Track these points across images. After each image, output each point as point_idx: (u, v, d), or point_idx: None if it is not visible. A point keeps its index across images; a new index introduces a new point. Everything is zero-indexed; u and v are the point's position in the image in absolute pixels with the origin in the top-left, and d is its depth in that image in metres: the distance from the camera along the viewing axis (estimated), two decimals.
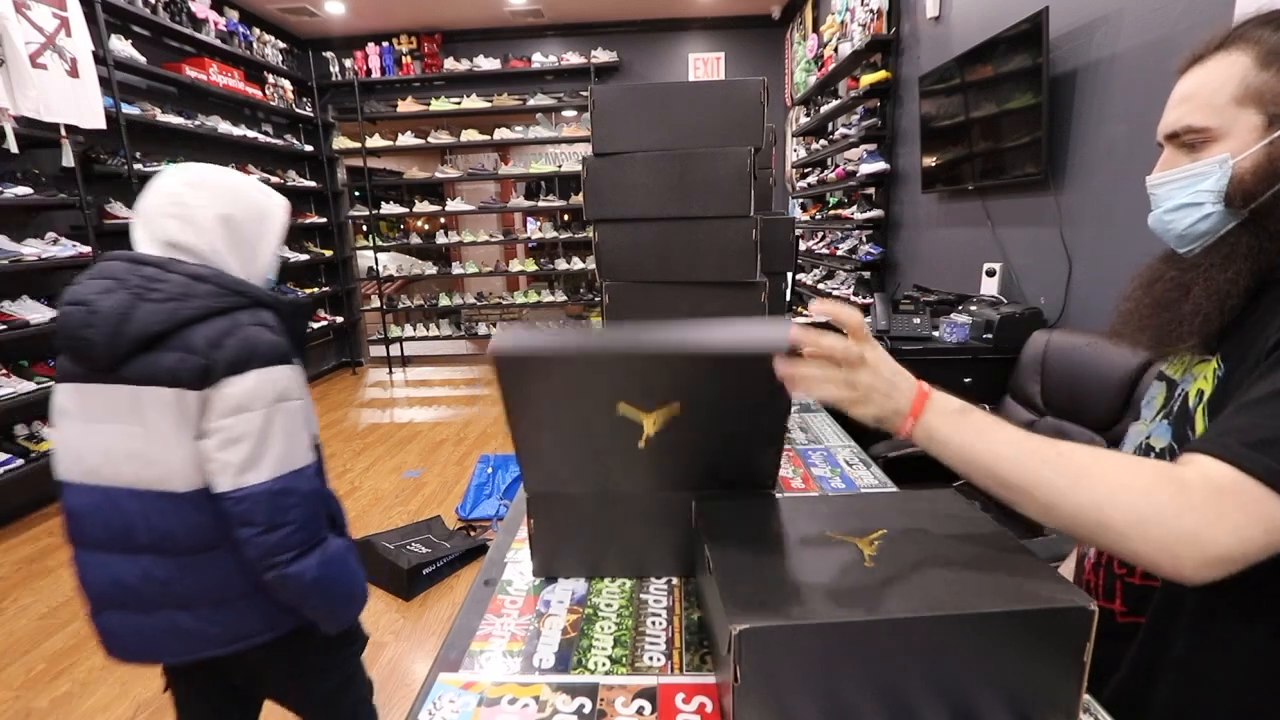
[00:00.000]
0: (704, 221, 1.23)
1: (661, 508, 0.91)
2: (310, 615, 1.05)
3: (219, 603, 1.01)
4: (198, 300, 0.93)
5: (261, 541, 0.95)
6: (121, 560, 0.99)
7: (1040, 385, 1.88)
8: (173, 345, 0.92)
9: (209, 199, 0.99)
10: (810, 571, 0.68)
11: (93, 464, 0.96)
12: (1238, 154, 0.62)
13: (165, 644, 1.03)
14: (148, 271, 0.93)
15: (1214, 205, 0.64)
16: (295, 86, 5.84)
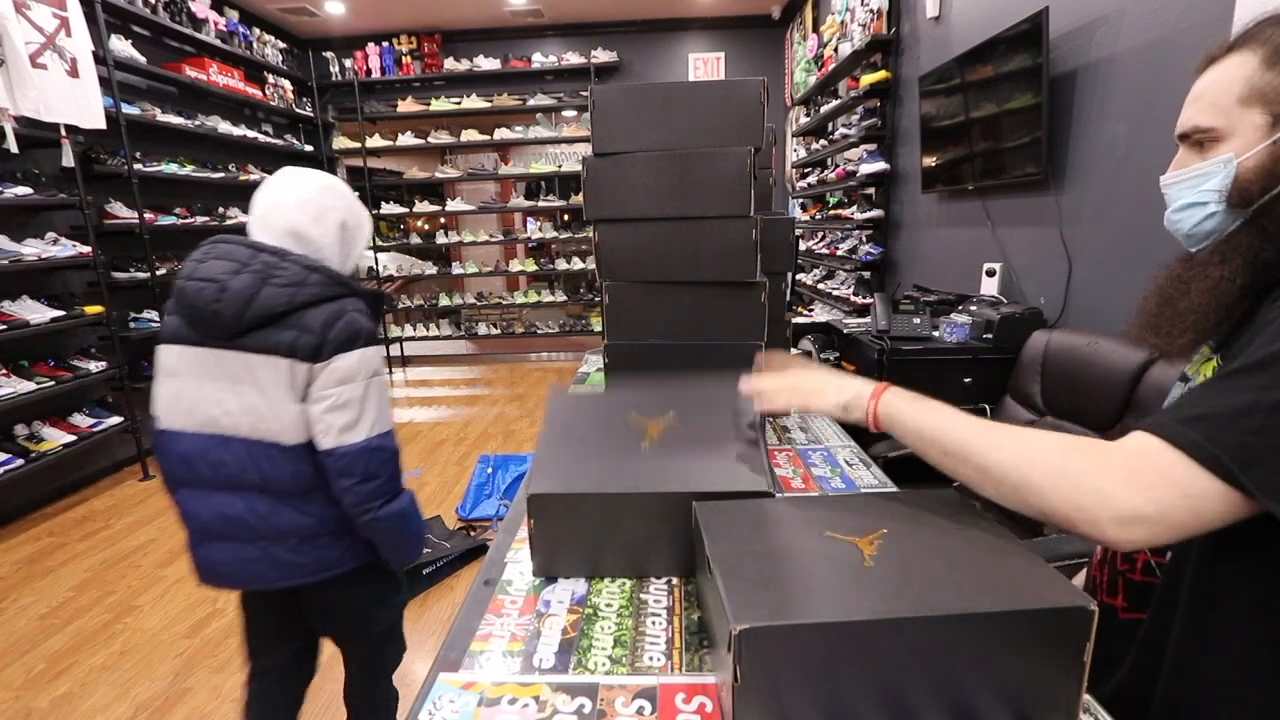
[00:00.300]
0: (704, 221, 1.23)
1: (661, 508, 0.91)
2: (386, 553, 1.24)
3: (310, 538, 1.17)
4: (312, 288, 1.10)
5: (358, 490, 1.13)
6: (229, 497, 1.14)
7: (1040, 385, 1.88)
8: (290, 324, 1.09)
9: (338, 204, 1.19)
10: (810, 571, 0.68)
11: (208, 415, 1.13)
12: (1242, 154, 0.62)
13: (261, 571, 1.17)
14: (267, 259, 1.09)
15: (1217, 205, 0.64)
16: (295, 86, 5.84)
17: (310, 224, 1.15)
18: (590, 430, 1.05)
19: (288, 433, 1.12)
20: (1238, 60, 0.63)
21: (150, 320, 3.92)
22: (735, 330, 1.27)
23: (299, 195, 1.15)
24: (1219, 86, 0.64)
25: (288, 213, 1.14)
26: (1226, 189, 0.63)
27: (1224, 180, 0.63)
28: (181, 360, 1.15)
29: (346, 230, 1.21)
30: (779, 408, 0.83)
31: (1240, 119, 0.62)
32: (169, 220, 4.12)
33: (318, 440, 1.12)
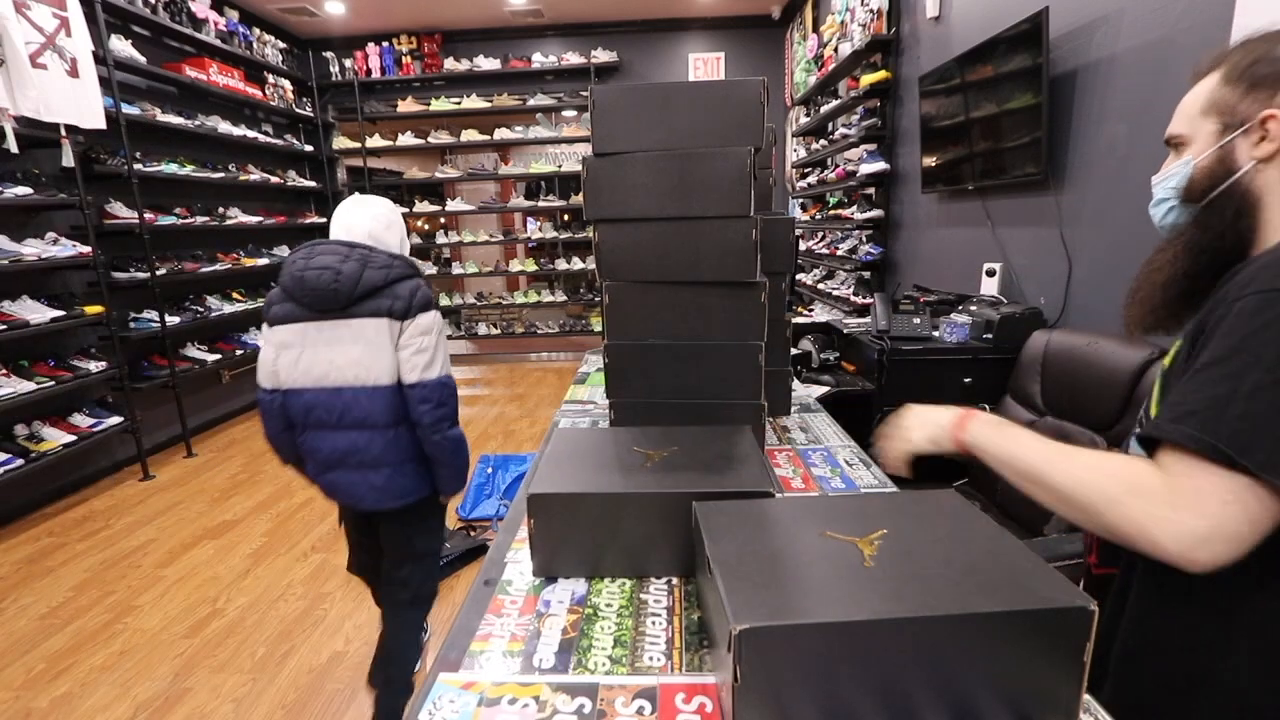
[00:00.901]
0: (704, 221, 1.23)
1: (661, 508, 0.91)
2: (442, 474, 1.62)
3: (396, 466, 1.56)
4: (397, 269, 1.54)
5: (433, 413, 1.54)
6: (338, 435, 1.54)
7: (1040, 385, 1.88)
8: (386, 294, 1.51)
9: (395, 218, 1.67)
10: (810, 571, 0.68)
11: (321, 373, 1.51)
12: (1198, 156, 0.72)
13: (363, 495, 1.57)
14: (360, 252, 1.51)
15: (1176, 200, 0.75)
16: (295, 86, 5.84)
17: (382, 230, 1.61)
18: (593, 452, 1.06)
19: (384, 375, 1.52)
20: (1211, 77, 0.74)
21: (150, 320, 3.92)
22: (735, 330, 1.27)
23: (372, 211, 1.61)
24: (1192, 99, 0.75)
25: (366, 222, 1.59)
26: (1183, 187, 0.74)
27: (1181, 180, 0.74)
28: (296, 334, 1.51)
29: (395, 229, 1.66)
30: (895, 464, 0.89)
31: (1200, 127, 0.73)
32: (169, 220, 4.12)
33: (405, 377, 1.53)
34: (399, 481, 1.57)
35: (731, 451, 1.05)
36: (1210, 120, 0.72)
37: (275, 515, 3.17)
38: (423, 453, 1.58)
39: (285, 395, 1.54)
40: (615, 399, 1.34)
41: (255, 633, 2.24)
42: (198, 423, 4.50)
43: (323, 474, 1.58)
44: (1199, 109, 0.73)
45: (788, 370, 1.75)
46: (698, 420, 1.27)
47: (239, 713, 1.88)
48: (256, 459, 4.01)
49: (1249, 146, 0.69)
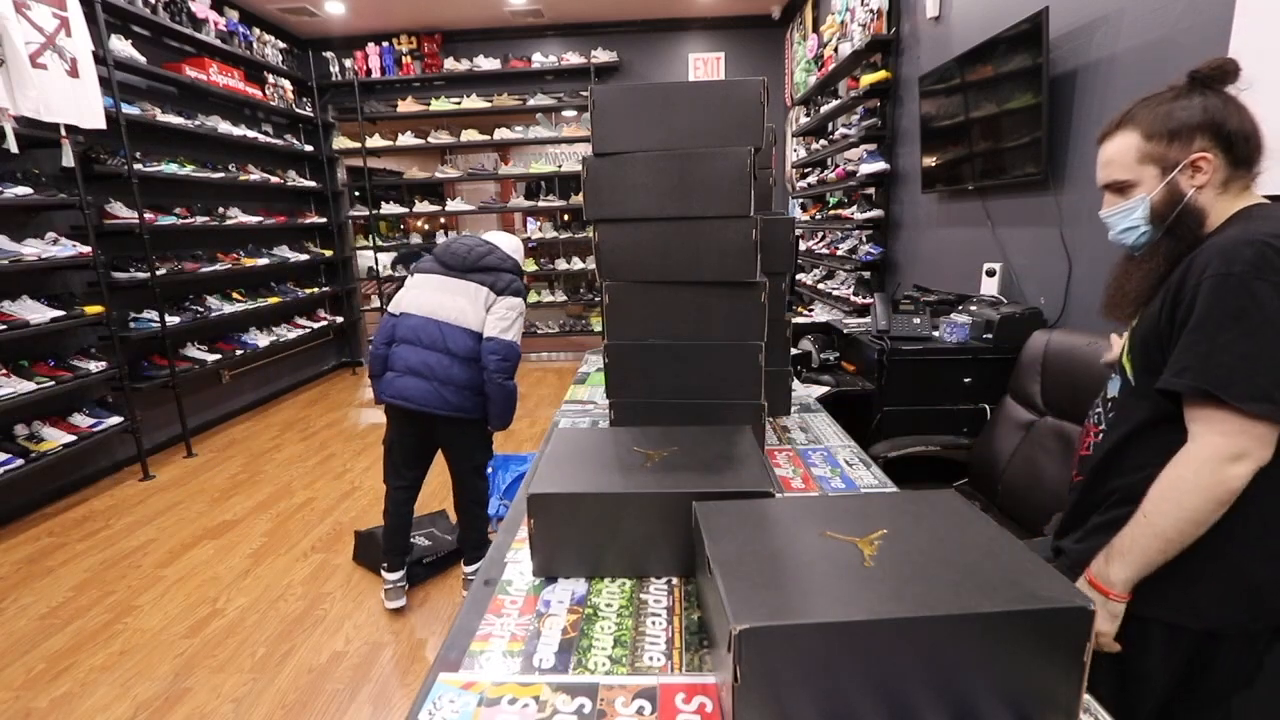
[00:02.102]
0: (704, 221, 1.23)
1: (661, 508, 0.91)
2: (494, 410, 2.20)
3: (463, 388, 2.14)
4: (507, 264, 2.23)
5: (498, 364, 2.12)
6: (428, 353, 2.13)
7: (1040, 385, 1.88)
8: (493, 274, 2.19)
9: (516, 239, 2.33)
10: (810, 571, 0.68)
11: (432, 307, 2.16)
12: (1150, 193, 0.96)
13: (432, 400, 2.12)
14: (491, 247, 2.23)
15: (1145, 225, 0.99)
16: (295, 86, 5.84)
17: (509, 248, 2.27)
18: (593, 452, 1.07)
19: (474, 323, 2.14)
20: (1126, 136, 0.98)
21: (150, 320, 3.92)
22: (735, 330, 1.27)
23: (505, 236, 2.33)
24: (1122, 154, 0.98)
25: (500, 238, 2.30)
26: (1148, 216, 0.98)
27: (1144, 212, 0.98)
28: (428, 281, 2.20)
29: (518, 253, 2.31)
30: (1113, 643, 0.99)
31: (1142, 172, 0.97)
32: (169, 220, 4.12)
33: (487, 332, 2.13)
34: (465, 399, 2.14)
35: (731, 451, 1.05)
36: (1149, 167, 0.96)
37: (275, 515, 3.17)
38: (484, 389, 2.15)
39: (400, 318, 2.17)
40: (615, 399, 1.34)
41: (255, 633, 2.24)
42: (198, 423, 4.50)
43: (401, 378, 2.12)
44: (1134, 160, 0.97)
45: (788, 370, 1.75)
46: (698, 420, 1.27)
47: (239, 713, 1.88)
48: (256, 459, 4.02)
49: (1186, 179, 0.94)
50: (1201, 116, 0.92)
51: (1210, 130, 0.92)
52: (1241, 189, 0.94)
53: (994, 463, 1.95)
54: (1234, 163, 0.92)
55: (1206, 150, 0.92)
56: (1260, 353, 0.83)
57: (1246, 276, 0.83)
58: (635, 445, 1.08)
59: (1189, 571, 0.93)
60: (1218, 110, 0.91)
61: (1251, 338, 0.83)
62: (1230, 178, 0.93)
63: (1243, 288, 0.83)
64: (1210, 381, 0.84)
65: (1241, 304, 0.83)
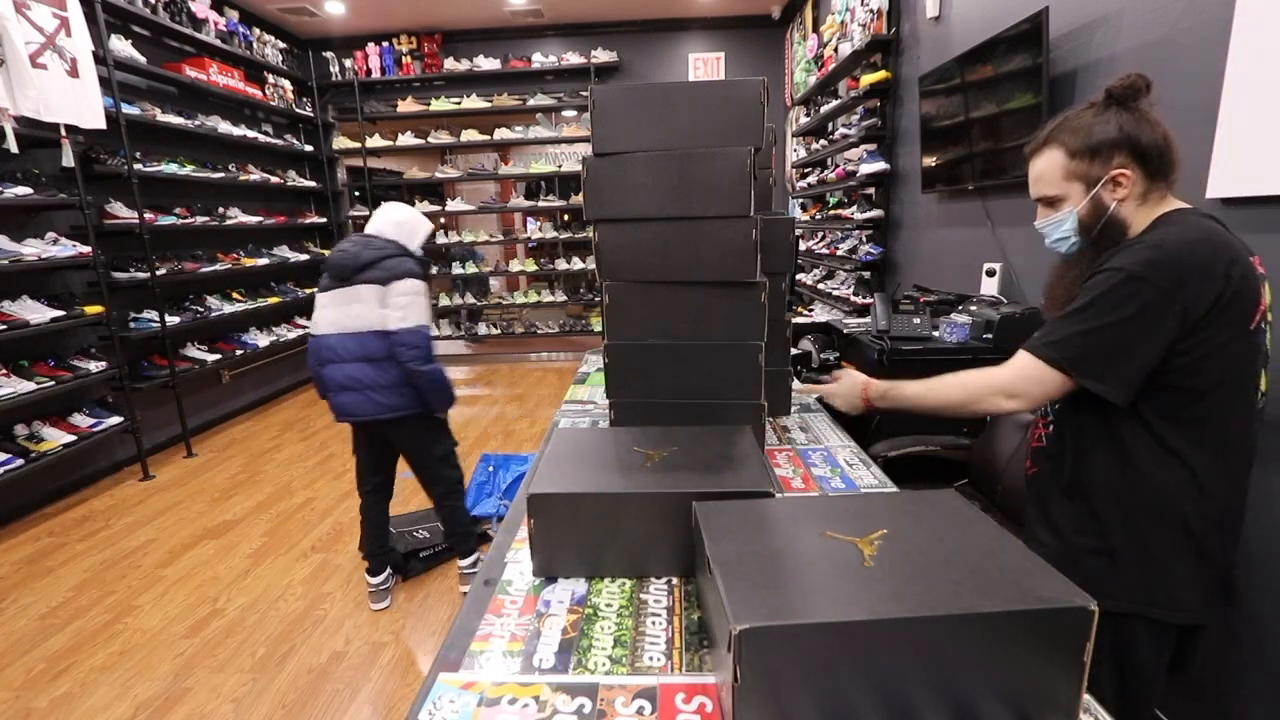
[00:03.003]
0: (704, 221, 1.23)
1: (661, 508, 0.91)
2: (426, 398, 2.17)
3: (389, 388, 2.12)
4: (387, 250, 2.11)
5: (409, 354, 2.07)
6: (350, 365, 2.11)
7: None
8: (376, 264, 2.07)
9: (402, 215, 2.21)
10: (810, 571, 0.68)
11: (338, 321, 2.11)
12: (1077, 206, 1.05)
13: (366, 407, 2.12)
14: (369, 240, 2.13)
15: (1075, 236, 1.08)
16: (295, 86, 5.84)
17: (393, 228, 2.18)
18: (593, 452, 1.07)
19: (377, 323, 2.08)
20: (1052, 153, 1.06)
21: (150, 320, 3.92)
22: (735, 330, 1.27)
23: (388, 214, 2.20)
24: (1049, 171, 1.07)
25: (381, 222, 2.19)
26: (1076, 227, 1.06)
27: (1073, 222, 1.06)
28: (327, 298, 2.12)
29: (404, 228, 2.19)
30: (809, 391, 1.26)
31: (1069, 188, 1.05)
32: (169, 220, 4.12)
33: (390, 325, 2.07)
34: (397, 398, 2.13)
35: (731, 451, 1.05)
36: (1074, 183, 1.04)
37: (275, 515, 3.17)
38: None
39: (319, 339, 2.14)
40: (615, 399, 1.34)
41: (255, 633, 2.24)
42: (198, 423, 4.50)
43: (337, 395, 2.13)
44: (1060, 176, 1.05)
45: (788, 370, 1.75)
46: (698, 420, 1.27)
47: (239, 713, 1.88)
48: (256, 459, 4.02)
49: (1109, 193, 1.02)
50: (1118, 134, 0.99)
51: (1127, 147, 0.99)
52: (1159, 198, 1.02)
53: (994, 463, 1.95)
54: (1150, 175, 1.00)
55: (1125, 166, 1.00)
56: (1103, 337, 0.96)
57: (1129, 277, 0.94)
58: (635, 445, 1.08)
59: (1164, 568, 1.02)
60: (1132, 127, 0.98)
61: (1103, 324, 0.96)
62: (1149, 189, 1.01)
63: (1121, 284, 0.95)
64: (1069, 358, 0.99)
65: (1110, 296, 0.96)
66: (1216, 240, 0.94)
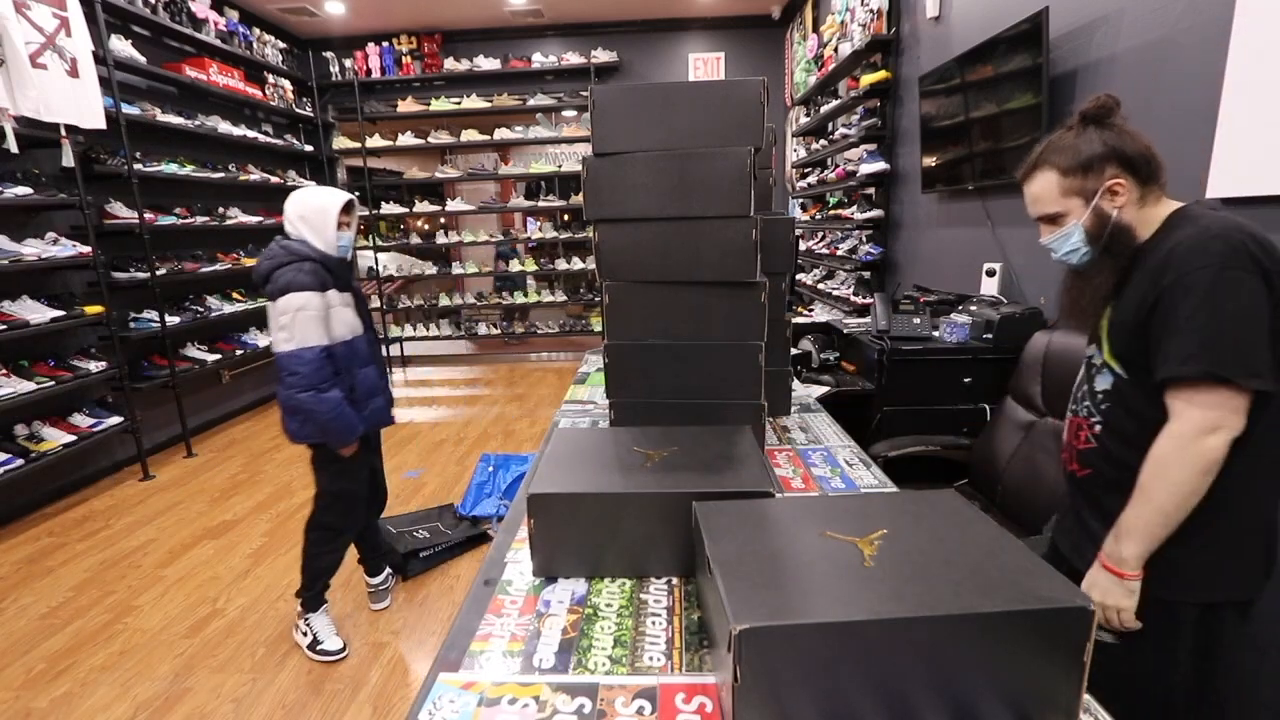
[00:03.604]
0: (704, 221, 1.23)
1: (661, 508, 0.91)
2: (302, 425, 1.93)
3: (286, 414, 1.95)
4: (278, 259, 1.85)
5: (286, 379, 1.87)
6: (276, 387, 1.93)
7: (1041, 386, 1.88)
8: (269, 282, 1.84)
9: (305, 200, 1.91)
10: (810, 571, 0.68)
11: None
12: (1080, 219, 1.08)
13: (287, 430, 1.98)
14: (268, 248, 1.89)
15: (1085, 246, 1.10)
16: (295, 86, 5.84)
17: (297, 219, 1.91)
18: (593, 452, 1.07)
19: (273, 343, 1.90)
20: (1045, 174, 1.10)
21: (150, 320, 3.91)
22: (735, 330, 1.27)
23: (292, 201, 1.92)
24: (1046, 191, 1.11)
25: (288, 210, 1.92)
26: (1084, 238, 1.09)
27: (1079, 235, 1.09)
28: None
29: (309, 222, 1.91)
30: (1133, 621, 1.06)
31: (1068, 204, 1.09)
32: (169, 220, 4.12)
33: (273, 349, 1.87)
34: (290, 424, 1.96)
35: (731, 451, 1.05)
36: (1073, 199, 1.08)
37: (275, 515, 3.17)
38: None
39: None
40: (615, 399, 1.34)
41: (255, 633, 2.24)
42: (198, 423, 4.50)
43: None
44: (1058, 194, 1.09)
45: (788, 370, 1.75)
46: (698, 420, 1.27)
47: (239, 713, 1.88)
48: (256, 459, 4.01)
49: (1108, 203, 1.06)
50: (1103, 148, 1.05)
51: (1115, 158, 1.04)
52: (1156, 200, 1.06)
53: (994, 463, 1.95)
54: (1143, 181, 1.05)
55: (1118, 175, 1.05)
56: (1238, 332, 0.94)
57: (1221, 269, 0.94)
58: (635, 445, 1.08)
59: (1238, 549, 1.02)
60: (1115, 140, 1.04)
61: (1229, 320, 0.94)
62: (1144, 194, 1.06)
63: (1219, 279, 0.94)
64: (1215, 364, 0.93)
65: (1218, 293, 0.94)
66: (1239, 219, 0.99)
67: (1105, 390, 1.11)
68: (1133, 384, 1.06)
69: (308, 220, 1.89)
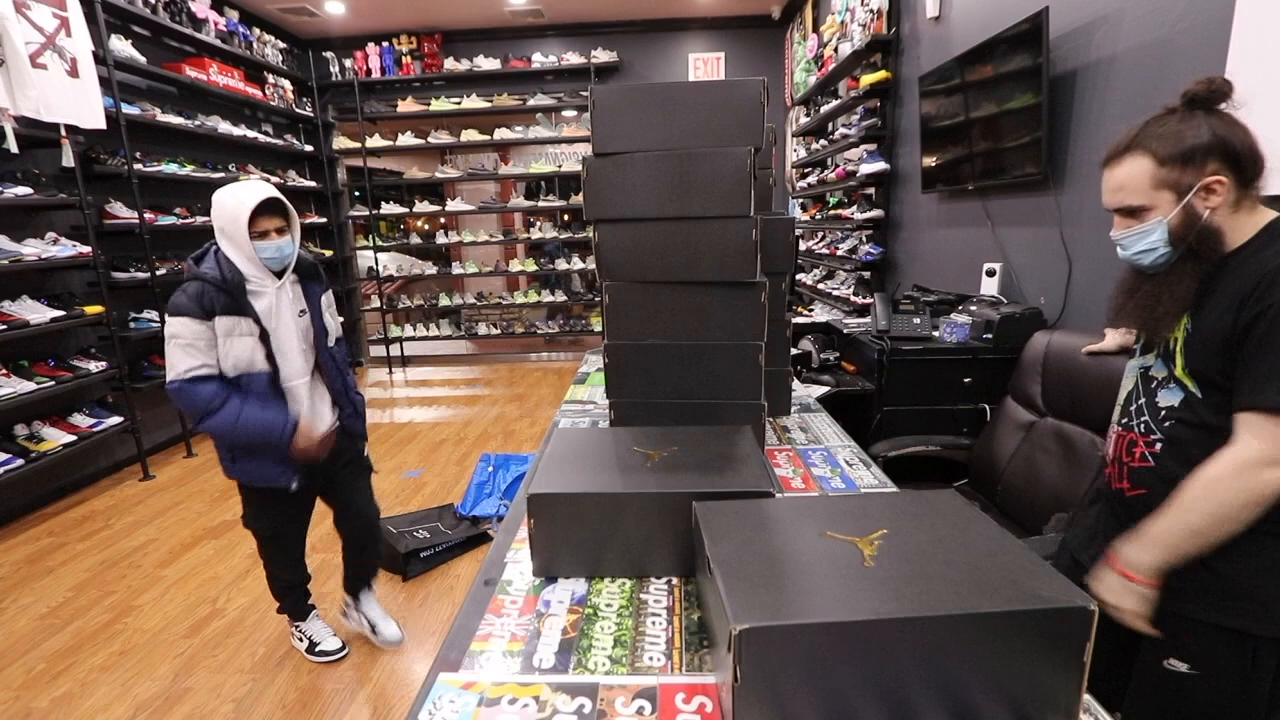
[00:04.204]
0: (704, 221, 1.23)
1: (661, 508, 0.91)
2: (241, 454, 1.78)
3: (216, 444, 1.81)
4: (190, 272, 1.63)
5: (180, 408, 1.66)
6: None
7: (1041, 386, 1.88)
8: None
9: (219, 201, 1.67)
10: (810, 571, 0.68)
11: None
12: (1167, 215, 0.97)
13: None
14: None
15: (1165, 247, 0.99)
16: (295, 86, 5.84)
17: (216, 230, 1.66)
18: (593, 452, 1.07)
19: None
20: (1137, 160, 0.98)
21: (150, 320, 3.91)
22: (735, 330, 1.27)
23: (212, 214, 1.68)
24: (1135, 179, 0.99)
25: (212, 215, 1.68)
26: (1166, 237, 0.98)
27: (1162, 234, 0.98)
28: None
29: (224, 232, 1.64)
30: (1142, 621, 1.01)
31: (1157, 197, 0.97)
32: (169, 220, 4.12)
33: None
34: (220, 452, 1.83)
35: (731, 451, 1.05)
36: (1164, 192, 0.97)
37: None
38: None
39: None
40: (615, 399, 1.34)
41: (255, 633, 2.24)
42: None
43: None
44: (1148, 185, 0.98)
45: (788, 370, 1.75)
46: (698, 420, 1.27)
47: (239, 713, 1.88)
48: None
49: (1201, 202, 0.95)
50: (1210, 139, 0.93)
51: (1220, 152, 0.93)
52: (1251, 207, 0.97)
53: (994, 463, 1.95)
54: (1243, 183, 0.95)
55: (1219, 173, 0.93)
56: None
57: None
58: (635, 445, 1.08)
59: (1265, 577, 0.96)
60: (1224, 131, 0.93)
61: None
62: (1240, 197, 0.95)
63: None
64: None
65: None
66: None
67: (1172, 407, 1.02)
68: (1207, 404, 0.97)
69: (225, 231, 1.63)
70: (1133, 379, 1.12)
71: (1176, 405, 1.01)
